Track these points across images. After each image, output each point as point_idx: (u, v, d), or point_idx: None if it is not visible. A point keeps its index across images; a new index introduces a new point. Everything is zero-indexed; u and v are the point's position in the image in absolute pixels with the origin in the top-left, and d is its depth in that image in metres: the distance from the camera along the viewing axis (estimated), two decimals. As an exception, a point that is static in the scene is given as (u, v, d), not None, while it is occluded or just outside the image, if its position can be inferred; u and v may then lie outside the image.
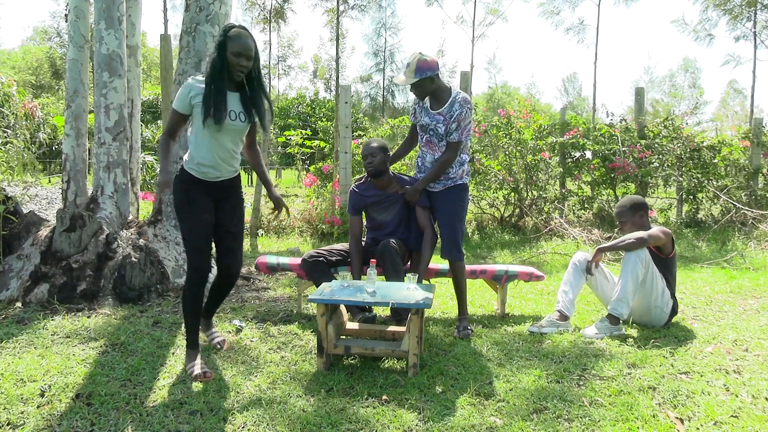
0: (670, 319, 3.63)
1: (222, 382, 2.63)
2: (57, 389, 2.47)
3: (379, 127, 8.73)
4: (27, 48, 35.88)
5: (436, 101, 3.42)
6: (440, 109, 3.39)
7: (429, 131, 3.48)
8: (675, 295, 3.66)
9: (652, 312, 3.59)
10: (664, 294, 3.55)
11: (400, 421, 2.30)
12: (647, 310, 3.60)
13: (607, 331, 3.40)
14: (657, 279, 3.53)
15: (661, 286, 3.54)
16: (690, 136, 8.26)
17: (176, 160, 3.36)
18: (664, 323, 3.61)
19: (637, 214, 3.72)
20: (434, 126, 3.42)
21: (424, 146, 3.56)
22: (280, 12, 33.68)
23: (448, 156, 3.41)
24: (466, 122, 3.37)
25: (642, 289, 3.51)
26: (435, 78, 3.35)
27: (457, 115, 3.33)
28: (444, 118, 3.38)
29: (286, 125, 18.69)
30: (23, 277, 3.88)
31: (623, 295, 3.44)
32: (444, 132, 3.40)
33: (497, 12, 26.08)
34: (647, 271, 3.49)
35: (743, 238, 7.13)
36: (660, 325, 3.61)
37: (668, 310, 3.59)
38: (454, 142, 3.39)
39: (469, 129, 3.43)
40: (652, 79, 41.87)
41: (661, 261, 3.61)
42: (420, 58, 3.28)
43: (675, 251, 3.69)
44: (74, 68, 4.51)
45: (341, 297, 2.85)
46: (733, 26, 22.76)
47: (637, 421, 2.31)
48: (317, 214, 7.24)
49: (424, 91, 3.40)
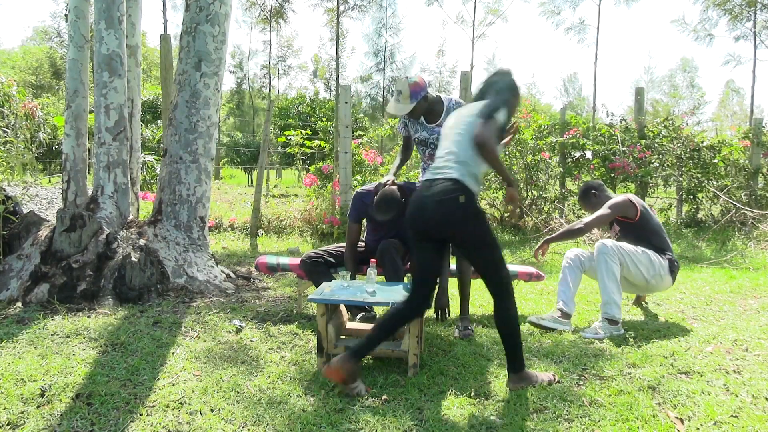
0: (675, 275, 3.62)
1: (222, 382, 2.63)
2: (57, 389, 2.47)
3: (379, 127, 8.73)
4: (27, 48, 35.88)
5: (432, 114, 3.41)
6: (438, 121, 3.39)
7: (431, 145, 3.47)
8: (668, 250, 3.64)
9: (652, 283, 3.58)
10: (653, 263, 3.54)
11: (400, 421, 2.30)
12: (647, 285, 3.61)
13: (607, 332, 3.40)
14: (637, 256, 3.52)
15: (645, 259, 3.53)
16: (690, 136, 8.26)
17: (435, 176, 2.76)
18: (672, 283, 3.62)
19: (590, 197, 3.82)
20: (436, 139, 3.41)
21: (429, 160, 3.55)
22: (280, 12, 33.70)
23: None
24: None
25: (629, 274, 3.53)
26: (427, 95, 3.34)
27: None
28: None
29: (286, 125, 18.68)
30: (23, 277, 3.88)
31: (608, 298, 3.45)
32: None
33: (497, 12, 26.10)
34: (622, 258, 3.50)
35: (743, 238, 7.12)
36: (668, 286, 3.62)
37: (666, 271, 3.57)
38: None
39: None
40: (652, 79, 41.88)
41: (633, 227, 3.64)
42: (410, 82, 3.26)
43: (641, 210, 3.67)
44: (74, 68, 4.51)
45: (341, 297, 2.85)
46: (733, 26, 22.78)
47: (637, 421, 2.31)
48: (317, 214, 7.24)
49: (419, 112, 3.38)
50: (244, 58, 40.50)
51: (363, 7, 30.03)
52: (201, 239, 4.60)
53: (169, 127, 4.66)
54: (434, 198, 2.54)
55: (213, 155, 4.77)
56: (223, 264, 5.15)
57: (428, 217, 2.56)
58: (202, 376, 2.71)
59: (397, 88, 3.31)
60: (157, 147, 10.75)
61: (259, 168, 7.72)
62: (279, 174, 22.11)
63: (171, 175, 4.58)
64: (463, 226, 2.53)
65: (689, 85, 40.18)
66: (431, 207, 2.54)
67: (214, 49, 4.62)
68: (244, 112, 40.39)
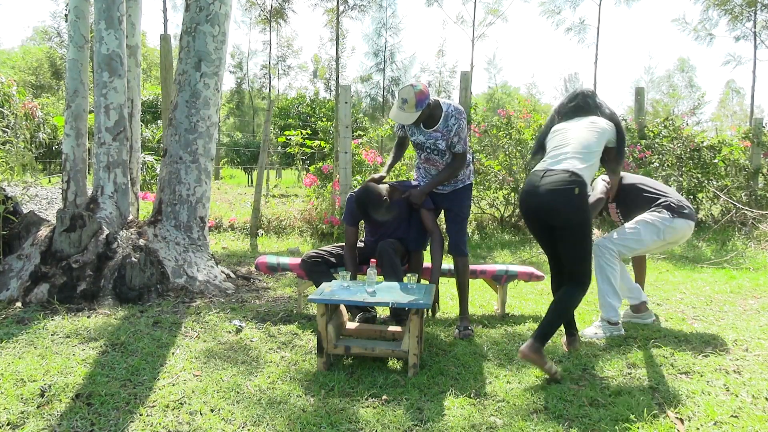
0: (683, 214, 3.47)
1: (222, 382, 2.63)
2: (57, 389, 2.47)
3: (379, 127, 8.73)
4: (27, 48, 35.88)
5: (430, 119, 3.39)
6: (436, 126, 3.37)
7: (427, 149, 3.47)
8: (660, 197, 3.56)
9: (670, 239, 3.50)
10: (653, 225, 3.46)
11: (400, 421, 2.30)
12: (667, 243, 3.54)
13: (607, 331, 3.40)
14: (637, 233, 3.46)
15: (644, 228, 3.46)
16: (690, 136, 8.26)
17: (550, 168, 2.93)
18: (686, 225, 3.47)
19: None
20: (433, 144, 3.42)
21: (424, 163, 3.56)
22: (280, 12, 33.72)
23: (458, 164, 3.45)
24: (464, 132, 3.39)
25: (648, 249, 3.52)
26: (430, 102, 3.31)
27: (456, 129, 3.34)
28: (442, 134, 3.38)
29: (286, 125, 18.68)
30: (23, 277, 3.88)
31: (603, 301, 3.45)
32: (446, 147, 3.41)
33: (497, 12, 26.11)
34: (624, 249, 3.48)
35: (743, 238, 7.13)
36: (687, 229, 3.49)
37: (670, 220, 3.46)
38: (461, 153, 3.42)
39: (467, 135, 3.47)
40: (652, 79, 41.89)
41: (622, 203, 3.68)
42: (415, 90, 3.21)
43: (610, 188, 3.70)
44: (74, 68, 4.51)
45: (341, 297, 2.85)
46: (733, 26, 22.80)
47: (637, 421, 2.31)
48: (317, 214, 7.24)
49: (422, 119, 3.36)
50: (244, 58, 40.51)
51: (363, 7, 30.05)
52: (201, 239, 4.60)
53: (169, 127, 4.66)
54: (549, 187, 2.74)
55: (213, 155, 4.77)
56: (223, 264, 5.15)
57: (541, 203, 2.77)
58: (202, 376, 2.71)
59: (401, 96, 3.26)
60: (157, 147, 10.75)
61: (259, 168, 7.72)
62: (279, 174, 22.09)
63: (171, 175, 4.58)
64: (572, 216, 2.72)
65: (688, 85, 40.19)
66: (545, 195, 2.74)
67: (214, 49, 4.62)
68: (244, 112, 40.39)
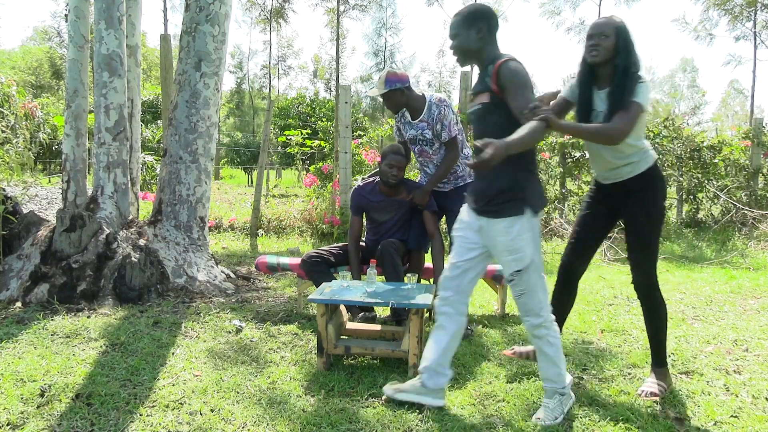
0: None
1: (222, 382, 2.63)
2: (57, 389, 2.47)
3: (379, 127, 8.73)
4: (27, 48, 35.89)
5: (415, 111, 3.55)
6: (420, 116, 3.52)
7: (419, 141, 3.59)
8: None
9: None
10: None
11: (400, 421, 2.30)
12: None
13: None
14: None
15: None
16: (690, 136, 8.26)
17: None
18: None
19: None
20: (421, 134, 3.54)
21: (420, 157, 3.66)
22: (281, 12, 33.72)
23: (451, 155, 3.50)
24: (448, 119, 3.46)
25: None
26: (405, 90, 3.50)
27: (437, 115, 3.46)
28: (427, 123, 3.51)
29: (286, 125, 18.69)
30: (23, 277, 3.88)
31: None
32: (432, 136, 3.51)
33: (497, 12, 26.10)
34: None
35: (743, 238, 7.13)
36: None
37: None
38: (448, 140, 3.48)
39: (455, 124, 3.51)
40: (653, 79, 41.91)
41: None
42: (390, 71, 3.50)
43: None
44: (74, 68, 4.51)
45: (341, 297, 2.85)
46: (733, 26, 22.81)
47: (637, 421, 2.31)
48: (317, 214, 7.24)
49: (396, 103, 3.54)
50: (244, 58, 40.55)
51: (363, 7, 30.06)
52: (201, 239, 4.60)
53: (169, 127, 4.66)
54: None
55: (213, 155, 4.77)
56: (223, 264, 5.15)
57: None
58: (202, 376, 2.71)
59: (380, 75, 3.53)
60: (157, 147, 10.75)
61: (259, 168, 7.72)
62: (279, 174, 22.10)
63: (171, 175, 4.58)
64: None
65: (690, 86, 40.21)
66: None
67: (214, 49, 4.63)
68: (244, 112, 40.42)
